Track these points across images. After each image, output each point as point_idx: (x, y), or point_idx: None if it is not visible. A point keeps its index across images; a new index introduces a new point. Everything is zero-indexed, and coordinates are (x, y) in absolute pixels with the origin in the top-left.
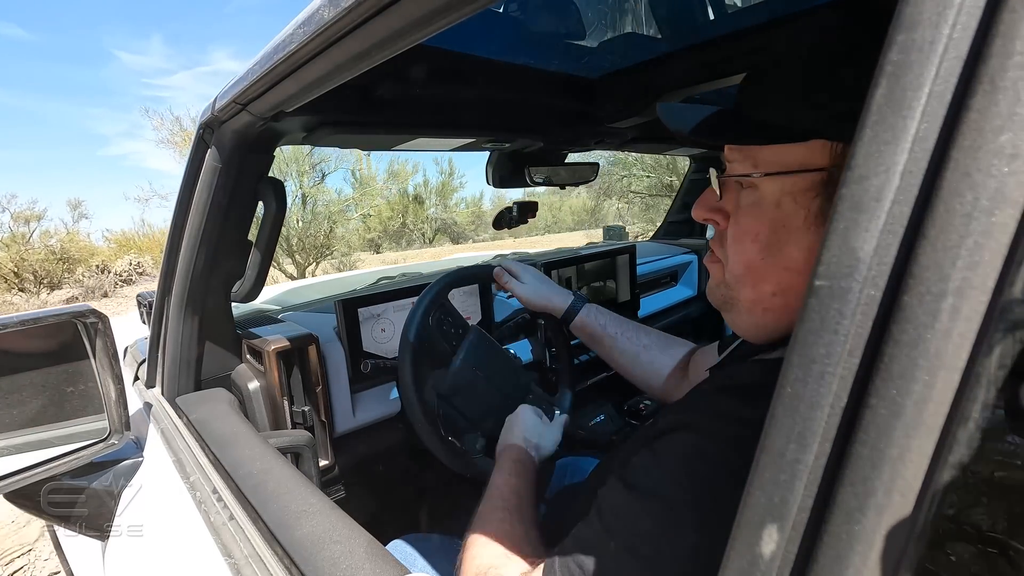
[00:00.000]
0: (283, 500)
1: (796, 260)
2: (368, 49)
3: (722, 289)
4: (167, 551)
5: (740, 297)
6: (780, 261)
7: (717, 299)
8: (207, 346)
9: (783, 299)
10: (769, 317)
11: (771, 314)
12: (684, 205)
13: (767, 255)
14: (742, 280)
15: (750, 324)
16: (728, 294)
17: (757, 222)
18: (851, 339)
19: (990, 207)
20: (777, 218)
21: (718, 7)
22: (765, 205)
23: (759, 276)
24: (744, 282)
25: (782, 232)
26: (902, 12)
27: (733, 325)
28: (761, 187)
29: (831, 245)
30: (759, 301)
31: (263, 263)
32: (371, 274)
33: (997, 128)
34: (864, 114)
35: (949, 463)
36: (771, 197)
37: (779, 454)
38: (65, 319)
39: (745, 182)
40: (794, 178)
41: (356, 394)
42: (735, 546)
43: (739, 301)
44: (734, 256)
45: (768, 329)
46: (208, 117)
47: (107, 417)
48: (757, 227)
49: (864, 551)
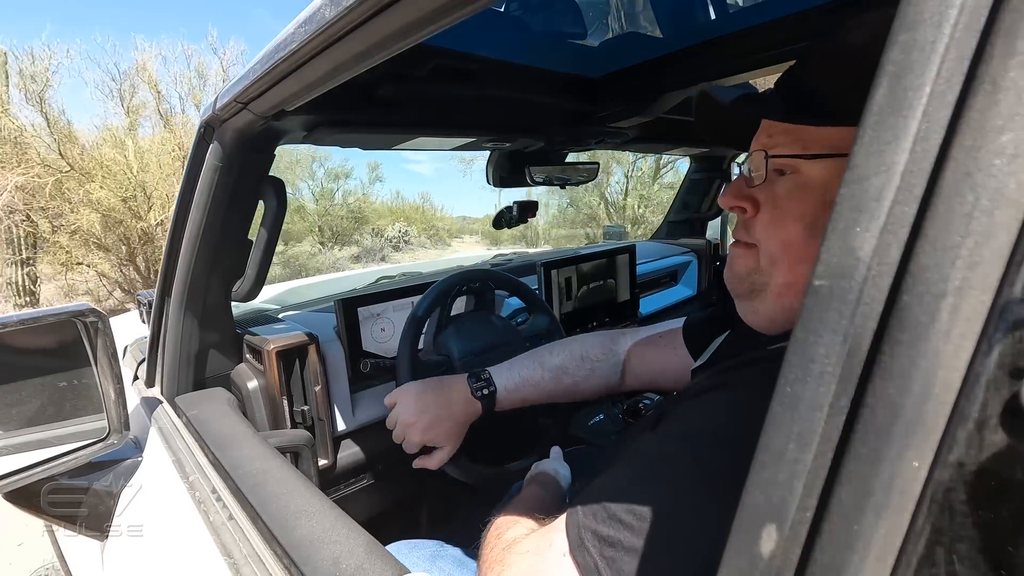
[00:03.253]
0: (282, 500)
1: None
2: (369, 48)
3: (753, 276)
4: (166, 551)
5: (773, 281)
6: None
7: (744, 287)
8: (207, 345)
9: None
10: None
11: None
12: (684, 205)
13: (811, 235)
14: (779, 261)
15: (774, 310)
16: (758, 280)
17: (801, 204)
18: (851, 339)
19: (990, 207)
20: (821, 198)
21: (720, 7)
22: (812, 187)
23: (799, 256)
24: (781, 263)
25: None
26: (904, 12)
27: (753, 313)
28: (805, 170)
29: (831, 245)
30: (793, 284)
31: (263, 262)
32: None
33: (998, 128)
34: (864, 114)
35: (948, 463)
36: (818, 179)
37: (778, 454)
38: (65, 318)
39: (788, 166)
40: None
41: (356, 394)
42: (734, 546)
43: (770, 286)
44: (772, 238)
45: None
46: (209, 116)
47: (106, 417)
48: (802, 208)
49: (863, 551)
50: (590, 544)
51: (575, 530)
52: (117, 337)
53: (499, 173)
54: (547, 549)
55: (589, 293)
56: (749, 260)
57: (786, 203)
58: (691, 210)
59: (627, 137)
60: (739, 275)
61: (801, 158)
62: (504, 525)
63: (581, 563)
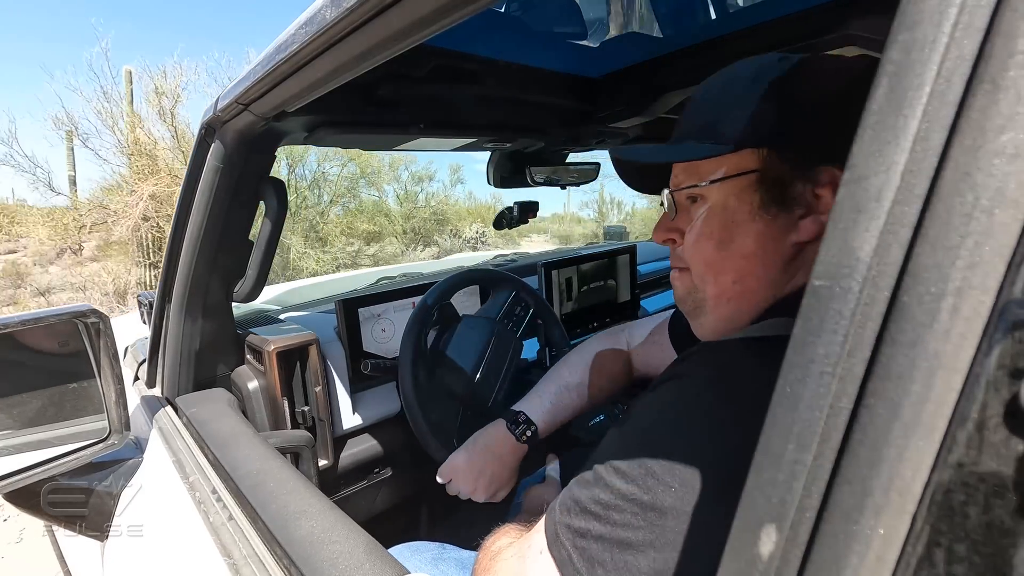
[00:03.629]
0: (282, 500)
1: (747, 247)
2: (370, 49)
3: (692, 295)
4: (166, 551)
5: (706, 295)
6: (735, 251)
7: (688, 307)
8: (207, 346)
9: (742, 285)
10: (732, 307)
11: (733, 303)
12: None
13: (722, 248)
14: (705, 277)
15: (716, 320)
16: (696, 297)
17: (710, 224)
18: (851, 339)
19: (990, 207)
20: (726, 216)
21: (720, 6)
22: (715, 208)
23: (719, 268)
24: (707, 278)
25: (732, 226)
26: (904, 11)
27: (702, 329)
28: (708, 195)
29: (831, 245)
30: (723, 293)
31: (264, 263)
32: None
33: (998, 128)
34: (864, 114)
35: (947, 463)
36: (719, 201)
37: (778, 454)
38: (66, 319)
39: (697, 195)
40: (733, 181)
41: (356, 394)
42: (733, 546)
43: (706, 300)
44: (695, 258)
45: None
46: (210, 117)
47: (107, 417)
48: (711, 228)
49: (862, 551)
50: (564, 538)
51: (551, 527)
52: (118, 337)
53: (499, 173)
54: (528, 550)
55: (590, 293)
56: (686, 281)
57: (699, 226)
58: None
59: (627, 137)
60: (681, 297)
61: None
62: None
63: (557, 557)
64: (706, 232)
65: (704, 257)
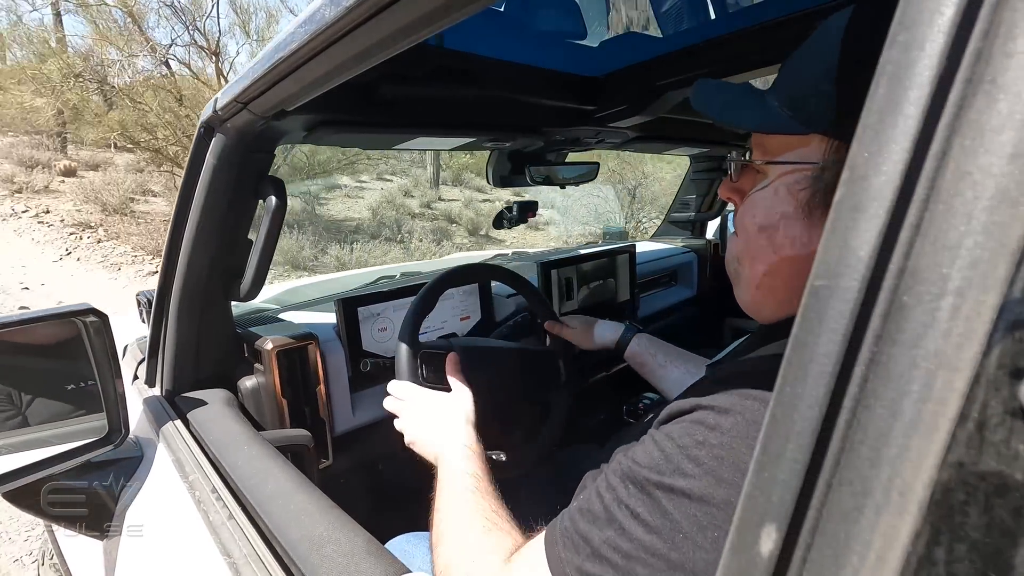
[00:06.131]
0: (282, 499)
1: (784, 245)
2: (369, 48)
3: (733, 263)
4: (166, 551)
5: (743, 272)
6: (772, 243)
7: (730, 271)
8: (207, 345)
9: (771, 280)
10: (761, 296)
11: (762, 293)
12: (683, 204)
13: (761, 236)
14: (743, 256)
15: (749, 300)
16: (736, 268)
17: (757, 205)
18: (851, 339)
19: (990, 207)
20: (773, 204)
21: (720, 7)
22: (767, 190)
23: (754, 255)
24: (744, 258)
25: (775, 217)
26: (903, 11)
27: (738, 298)
28: (766, 174)
29: (831, 245)
30: (754, 279)
31: (263, 262)
32: (371, 273)
33: (998, 127)
34: (864, 114)
35: (948, 463)
36: (772, 184)
37: (778, 454)
38: (66, 318)
39: (760, 167)
40: (790, 168)
41: (356, 394)
42: (733, 546)
43: (742, 276)
44: (741, 233)
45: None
46: (209, 116)
47: (107, 416)
48: (756, 210)
49: (862, 551)
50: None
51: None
52: (117, 336)
53: (499, 173)
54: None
55: (589, 293)
56: (736, 246)
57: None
58: (691, 210)
59: (627, 137)
60: (728, 260)
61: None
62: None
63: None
64: (752, 212)
65: (747, 234)
